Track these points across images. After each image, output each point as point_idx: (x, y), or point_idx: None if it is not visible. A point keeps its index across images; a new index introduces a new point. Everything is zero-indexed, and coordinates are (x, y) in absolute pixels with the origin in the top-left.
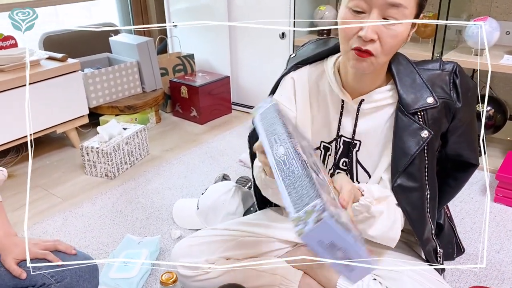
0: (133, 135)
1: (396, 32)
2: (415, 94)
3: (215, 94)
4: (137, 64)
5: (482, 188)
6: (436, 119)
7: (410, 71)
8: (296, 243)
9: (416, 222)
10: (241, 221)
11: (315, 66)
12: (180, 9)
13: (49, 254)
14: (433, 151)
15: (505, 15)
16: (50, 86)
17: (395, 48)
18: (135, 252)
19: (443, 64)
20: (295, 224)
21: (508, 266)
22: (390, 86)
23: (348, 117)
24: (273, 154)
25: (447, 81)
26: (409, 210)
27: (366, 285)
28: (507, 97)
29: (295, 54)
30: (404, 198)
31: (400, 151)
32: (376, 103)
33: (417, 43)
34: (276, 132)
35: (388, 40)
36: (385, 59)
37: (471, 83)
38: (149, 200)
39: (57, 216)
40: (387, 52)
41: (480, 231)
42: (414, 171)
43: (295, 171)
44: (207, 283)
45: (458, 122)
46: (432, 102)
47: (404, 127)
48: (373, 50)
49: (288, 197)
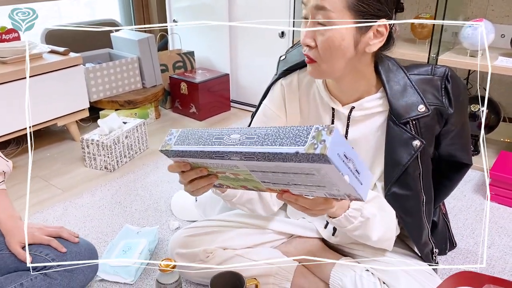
0: (133, 129)
1: (326, 36)
2: (406, 102)
3: (215, 91)
4: (138, 60)
5: (475, 186)
6: (428, 126)
7: (400, 77)
8: (291, 234)
9: (413, 229)
10: (238, 212)
11: (305, 72)
12: (181, 7)
13: (53, 241)
14: (427, 157)
15: (501, 18)
16: (52, 79)
17: (335, 55)
18: (134, 241)
19: (434, 69)
20: (313, 150)
21: (498, 260)
22: (380, 94)
23: (339, 124)
24: (231, 145)
25: (439, 86)
26: (405, 217)
27: (359, 276)
28: (500, 99)
29: (285, 56)
30: (399, 206)
31: (392, 161)
32: (367, 111)
33: (414, 44)
34: (213, 135)
35: (321, 45)
36: (327, 66)
37: (462, 87)
38: (148, 192)
39: (57, 206)
40: (324, 58)
41: (471, 227)
42: (407, 180)
43: (267, 132)
44: (204, 272)
45: (450, 126)
46: (423, 111)
47: (396, 137)
48: (312, 55)
49: (287, 147)
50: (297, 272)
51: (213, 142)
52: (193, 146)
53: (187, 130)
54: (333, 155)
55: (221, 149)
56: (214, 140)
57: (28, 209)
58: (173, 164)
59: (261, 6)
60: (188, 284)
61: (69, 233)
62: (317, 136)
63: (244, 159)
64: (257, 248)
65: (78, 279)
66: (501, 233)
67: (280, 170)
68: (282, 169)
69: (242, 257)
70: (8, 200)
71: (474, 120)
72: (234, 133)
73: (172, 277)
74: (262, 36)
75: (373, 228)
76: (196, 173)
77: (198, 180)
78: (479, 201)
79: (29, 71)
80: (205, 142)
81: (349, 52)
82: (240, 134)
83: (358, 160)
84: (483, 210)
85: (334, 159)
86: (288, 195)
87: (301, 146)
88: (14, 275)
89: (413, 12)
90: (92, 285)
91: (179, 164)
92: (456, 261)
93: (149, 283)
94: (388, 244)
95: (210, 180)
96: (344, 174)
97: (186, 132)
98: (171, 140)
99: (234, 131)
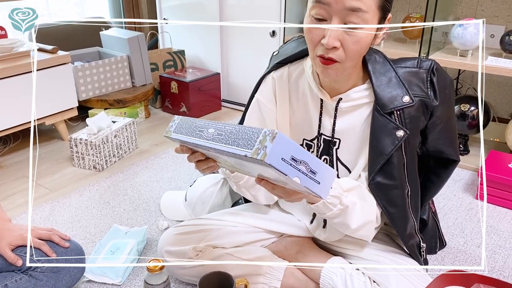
0: (122, 128)
1: (358, 37)
2: (391, 93)
3: (205, 90)
4: (128, 58)
5: (465, 186)
6: (413, 117)
7: (386, 69)
8: (281, 233)
9: (397, 219)
10: (228, 211)
11: (295, 65)
12: (171, 6)
13: (43, 245)
14: (412, 148)
15: (490, 18)
16: (40, 77)
17: (360, 53)
18: (122, 241)
19: (420, 62)
20: (256, 156)
21: (487, 260)
22: (367, 85)
23: (327, 116)
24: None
25: (424, 79)
26: (389, 207)
27: (349, 275)
28: (490, 98)
29: (277, 51)
30: (382, 196)
31: (376, 150)
32: (354, 102)
33: (405, 43)
34: (198, 126)
35: (351, 46)
36: (351, 64)
37: (448, 80)
38: (137, 192)
39: (44, 206)
40: (351, 58)
41: (461, 226)
42: (391, 169)
43: (232, 130)
44: (193, 271)
45: (436, 119)
46: (408, 101)
47: (380, 127)
48: (336, 57)
49: (240, 148)
50: (287, 271)
51: (196, 134)
52: (183, 136)
53: (185, 119)
54: (273, 161)
55: (198, 142)
56: (197, 132)
57: (15, 209)
58: (177, 148)
59: (252, 5)
60: (177, 284)
61: (60, 236)
62: (262, 142)
63: (216, 153)
64: (247, 247)
65: (65, 279)
66: (491, 232)
67: (249, 164)
68: (249, 164)
69: (232, 256)
70: None
71: (464, 119)
72: (211, 127)
73: (160, 278)
74: (253, 35)
75: (352, 217)
76: (195, 157)
77: (199, 163)
78: (468, 201)
79: (16, 69)
80: (192, 133)
81: (365, 50)
82: (215, 129)
83: (314, 160)
84: (472, 209)
85: (276, 164)
86: (265, 182)
87: (249, 150)
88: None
89: (404, 12)
90: (79, 286)
91: (182, 147)
92: (446, 260)
93: (137, 283)
94: (367, 234)
95: (208, 163)
96: (292, 176)
97: (184, 121)
98: (172, 127)
99: (212, 125)
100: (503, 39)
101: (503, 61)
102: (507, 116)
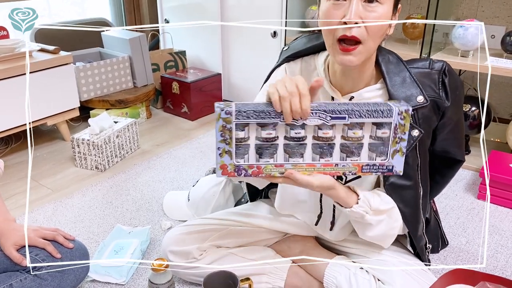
0: (124, 129)
1: (379, 13)
2: (405, 93)
3: (207, 91)
4: (129, 59)
5: (466, 185)
6: (426, 117)
7: (400, 69)
8: (285, 233)
9: (411, 221)
10: (232, 211)
11: (307, 61)
12: (172, 6)
13: (48, 246)
14: (425, 149)
15: (491, 19)
16: (42, 78)
17: (380, 33)
18: (126, 241)
19: (432, 63)
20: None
21: (489, 258)
22: (379, 85)
23: None
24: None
25: (436, 80)
26: (403, 208)
27: (353, 273)
28: (491, 99)
29: (287, 46)
30: (397, 197)
31: None
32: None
33: (406, 44)
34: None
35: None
36: (372, 45)
37: (459, 82)
38: (139, 193)
39: (47, 207)
40: (373, 35)
41: (463, 225)
42: (407, 170)
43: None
44: (197, 270)
45: (447, 120)
46: (422, 101)
47: None
48: (359, 35)
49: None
50: (290, 271)
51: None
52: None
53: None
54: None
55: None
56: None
57: (17, 209)
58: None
59: (253, 6)
60: (181, 284)
61: (65, 236)
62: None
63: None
64: (251, 247)
65: (69, 279)
66: (492, 232)
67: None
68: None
69: (236, 256)
70: (1, 201)
71: (465, 120)
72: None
73: (164, 277)
74: (254, 36)
75: (372, 229)
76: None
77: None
78: (470, 200)
79: (17, 70)
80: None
81: (384, 31)
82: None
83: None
84: (474, 209)
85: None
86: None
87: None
88: (3, 276)
89: (405, 12)
90: (83, 285)
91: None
92: (448, 260)
93: (141, 283)
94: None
95: None
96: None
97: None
98: (226, 108)
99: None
100: (504, 40)
101: (504, 61)
102: (508, 116)
